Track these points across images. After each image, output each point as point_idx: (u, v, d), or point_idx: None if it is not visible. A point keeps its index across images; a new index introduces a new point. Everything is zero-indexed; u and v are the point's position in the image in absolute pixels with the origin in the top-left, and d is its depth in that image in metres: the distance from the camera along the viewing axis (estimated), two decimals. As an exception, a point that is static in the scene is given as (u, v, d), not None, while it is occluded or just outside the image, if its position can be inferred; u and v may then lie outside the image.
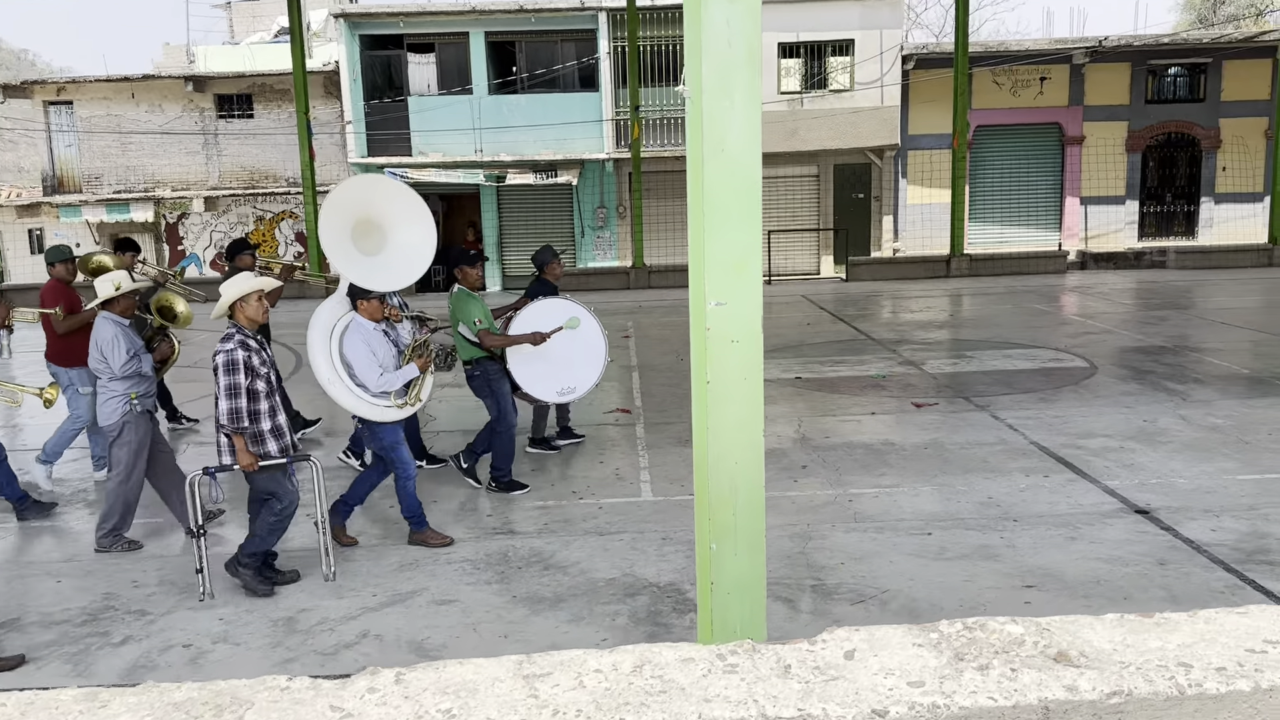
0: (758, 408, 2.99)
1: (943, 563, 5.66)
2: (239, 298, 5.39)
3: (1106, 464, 7.41)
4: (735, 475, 3.00)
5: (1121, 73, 23.52)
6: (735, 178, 2.86)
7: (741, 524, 3.03)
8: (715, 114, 2.82)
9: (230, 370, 5.28)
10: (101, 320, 6.22)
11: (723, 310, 2.92)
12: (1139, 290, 18.22)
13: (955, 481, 7.14)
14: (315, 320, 6.07)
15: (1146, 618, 2.45)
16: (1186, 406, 9.04)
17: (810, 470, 7.55)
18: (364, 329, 5.93)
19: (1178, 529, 6.05)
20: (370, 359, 5.86)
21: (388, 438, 6.04)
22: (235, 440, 5.33)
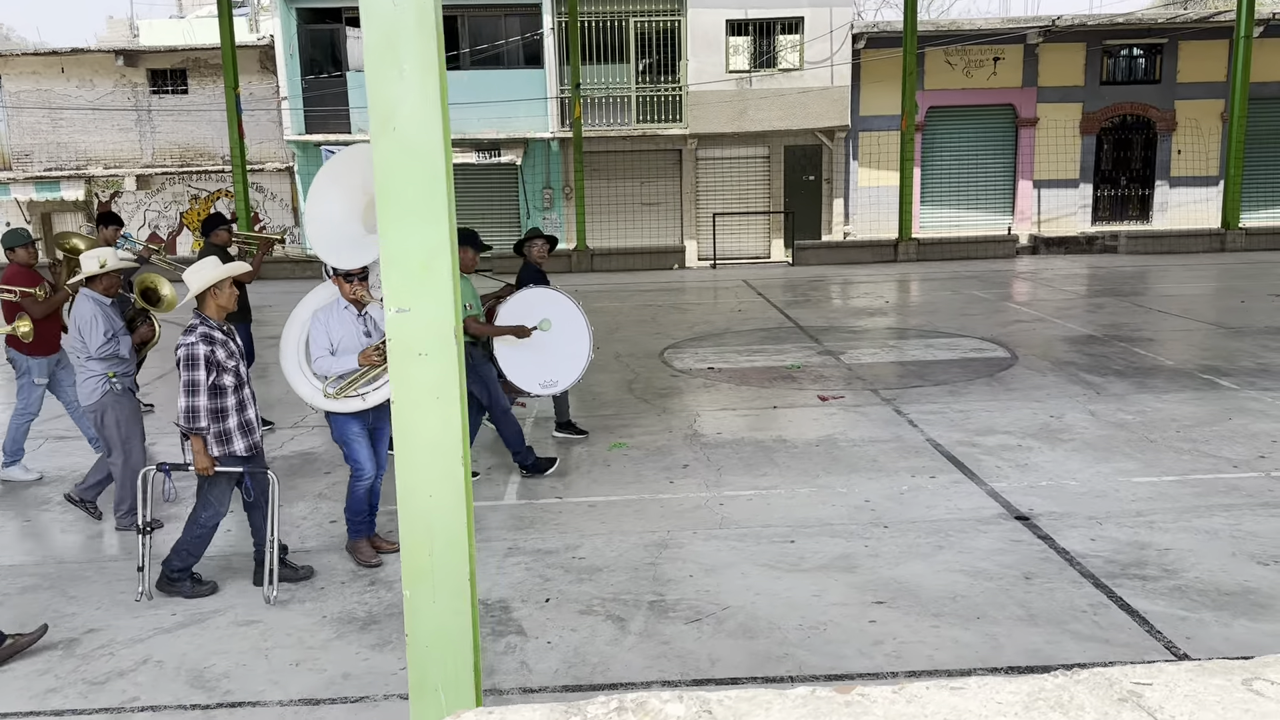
0: (455, 432, 2.55)
1: (796, 575, 5.27)
2: (210, 286, 5.06)
3: (999, 464, 7.05)
4: (431, 512, 2.57)
5: (1076, 53, 23.17)
6: (412, 162, 2.42)
7: (441, 567, 2.61)
8: (381, 86, 2.38)
9: (190, 366, 4.96)
10: (81, 298, 5.98)
11: (407, 318, 2.48)
12: (1084, 276, 17.92)
13: (836, 483, 6.75)
14: (308, 296, 5.72)
15: (842, 693, 2.05)
16: (1099, 401, 8.70)
17: (691, 470, 7.14)
18: (334, 307, 5.46)
19: (1055, 538, 5.69)
20: (320, 337, 5.37)
21: (338, 431, 5.52)
22: (192, 441, 5.03)
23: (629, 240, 23.05)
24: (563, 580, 5.29)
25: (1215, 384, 9.17)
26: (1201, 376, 9.48)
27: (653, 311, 14.76)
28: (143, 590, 5.14)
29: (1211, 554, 5.38)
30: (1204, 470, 6.78)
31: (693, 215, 23.39)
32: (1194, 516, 5.94)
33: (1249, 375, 9.46)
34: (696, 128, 22.64)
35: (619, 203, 23.55)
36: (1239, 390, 8.91)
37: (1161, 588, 4.99)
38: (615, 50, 22.76)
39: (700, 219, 23.24)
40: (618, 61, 22.79)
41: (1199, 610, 4.74)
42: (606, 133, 22.72)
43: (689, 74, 22.50)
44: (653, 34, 22.80)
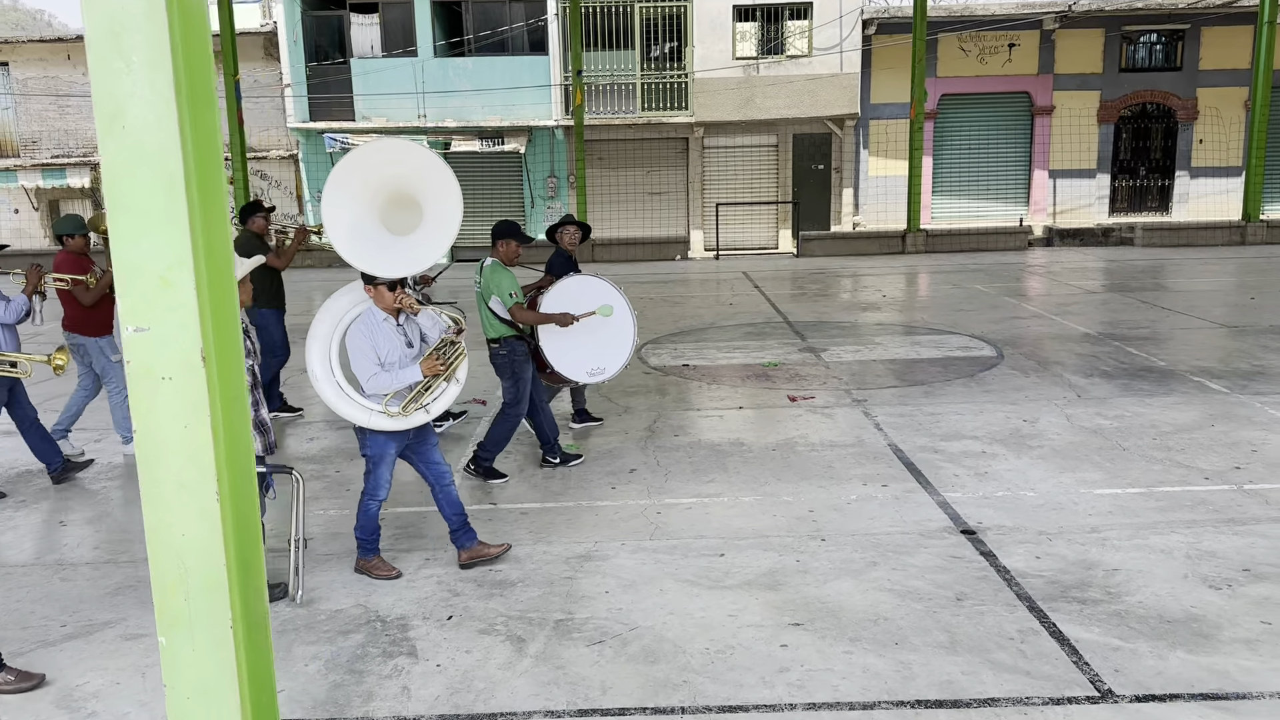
0: (208, 465, 2.30)
1: (717, 592, 5.00)
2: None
3: (958, 472, 6.72)
4: (184, 551, 2.33)
5: (1094, 39, 22.54)
6: (145, 164, 2.17)
7: (199, 612, 2.37)
8: (106, 80, 2.13)
9: None
10: None
11: (145, 339, 2.23)
12: (1094, 269, 17.42)
13: (783, 491, 6.47)
14: (326, 305, 5.31)
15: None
16: (1078, 404, 8.34)
17: (636, 476, 6.88)
18: (372, 320, 5.06)
19: (998, 554, 5.37)
20: (367, 354, 4.99)
21: (374, 449, 5.16)
22: None
23: (635, 230, 22.75)
24: (472, 595, 5.05)
25: (1205, 387, 8.78)
26: (1192, 379, 9.08)
27: (643, 305, 14.48)
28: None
29: (1162, 575, 5.05)
30: (1173, 482, 6.42)
31: (699, 205, 23.05)
32: (1152, 533, 5.60)
33: (1242, 378, 9.05)
34: (703, 115, 22.28)
35: (624, 192, 23.24)
36: (1228, 394, 8.51)
37: (1100, 613, 4.68)
38: (620, 37, 22.41)
39: (707, 209, 22.89)
40: (623, 48, 22.44)
41: (1135, 639, 4.43)
42: (611, 121, 22.40)
43: (695, 61, 22.12)
44: (658, 20, 22.43)
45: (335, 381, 5.18)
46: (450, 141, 22.52)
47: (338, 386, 5.17)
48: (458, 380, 5.29)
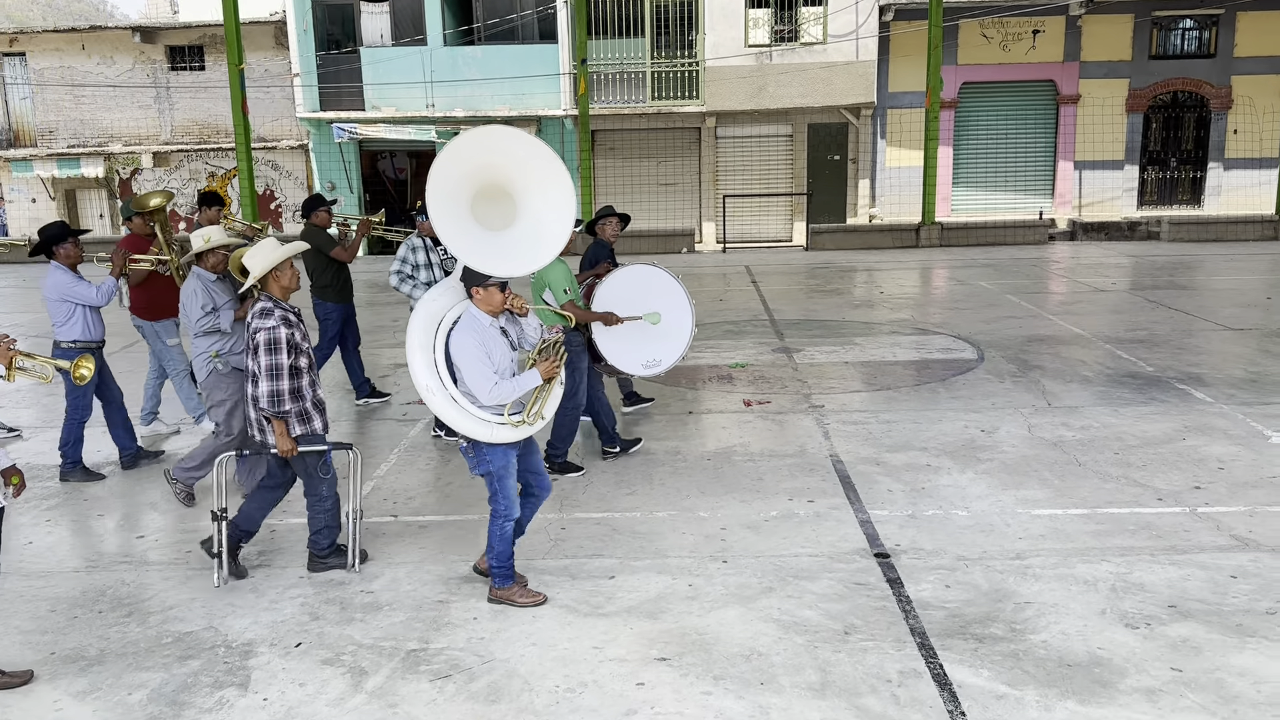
0: None
1: (592, 620, 4.67)
2: (271, 268, 5.00)
3: (893, 487, 6.32)
4: None
5: (1123, 25, 21.68)
6: None
7: None
8: None
9: (273, 349, 4.93)
10: (190, 275, 6.11)
11: None
12: (1110, 265, 16.73)
13: (703, 505, 6.11)
14: (418, 311, 4.88)
15: None
16: (1046, 413, 7.86)
17: (555, 486, 6.54)
18: (478, 325, 4.68)
19: (905, 582, 4.98)
20: (483, 363, 4.61)
21: (496, 463, 4.76)
22: (275, 424, 4.99)
23: (646, 222, 22.35)
24: (331, 620, 4.77)
25: (1189, 395, 8.24)
26: (1177, 386, 8.55)
27: (632, 299, 14.11)
28: (220, 576, 5.12)
29: (1077, 610, 4.63)
30: (1121, 502, 5.97)
31: (711, 196, 22.60)
32: (1081, 561, 5.17)
33: (1232, 386, 8.50)
34: (714, 105, 21.81)
35: (635, 183, 22.87)
36: (1212, 404, 7.97)
37: (996, 653, 4.28)
38: (630, 24, 22.00)
39: (719, 201, 22.43)
40: (633, 36, 22.03)
41: (1025, 686, 4.02)
42: (621, 110, 22.03)
43: (706, 49, 21.65)
44: (669, 7, 21.98)
45: (449, 394, 4.72)
46: (459, 131, 22.27)
47: (452, 399, 4.72)
48: (560, 381, 5.03)
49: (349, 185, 22.98)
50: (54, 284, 6.61)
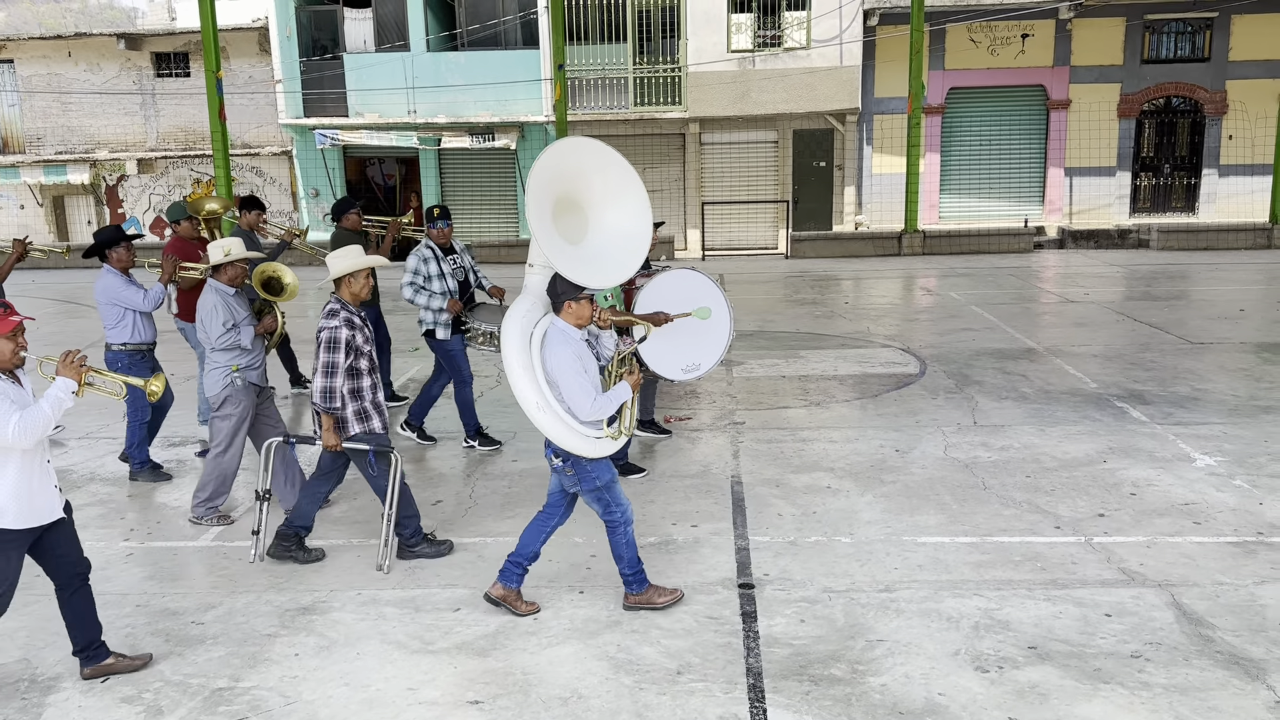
0: None
1: (419, 657, 4.45)
2: (347, 274, 5.29)
3: (786, 511, 6.06)
4: None
5: (1114, 29, 21.28)
6: None
7: None
8: None
9: (331, 348, 5.19)
10: (206, 288, 6.05)
11: None
12: (1091, 275, 16.37)
13: (579, 530, 5.83)
14: (511, 327, 4.78)
15: None
16: (969, 432, 7.58)
17: (439, 509, 6.34)
18: (570, 340, 4.59)
19: (761, 616, 4.73)
20: (582, 378, 4.54)
21: (604, 476, 4.70)
22: (325, 419, 5.23)
23: (627, 228, 22.15)
24: (148, 650, 4.55)
25: (1125, 414, 7.94)
26: (1116, 404, 8.24)
27: (593, 308, 13.89)
28: (256, 553, 5.41)
29: (930, 650, 4.37)
30: (1015, 530, 5.69)
31: (696, 203, 22.35)
32: (952, 594, 4.89)
33: (1173, 404, 8.18)
34: (697, 111, 21.57)
35: (619, 189, 22.63)
36: (1146, 424, 7.66)
37: (829, 697, 4.02)
38: (612, 29, 21.79)
39: (704, 207, 22.19)
40: (615, 41, 21.82)
41: (847, 737, 3.76)
42: (603, 116, 21.82)
43: (688, 54, 21.42)
44: (652, 12, 21.77)
45: (556, 412, 4.60)
46: (441, 137, 22.16)
47: (559, 417, 4.60)
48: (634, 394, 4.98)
49: (332, 191, 22.89)
50: (104, 287, 6.61)
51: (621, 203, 4.92)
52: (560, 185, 4.82)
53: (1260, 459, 6.77)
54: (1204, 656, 4.26)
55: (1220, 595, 4.81)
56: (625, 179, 4.95)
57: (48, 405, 3.95)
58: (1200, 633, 4.46)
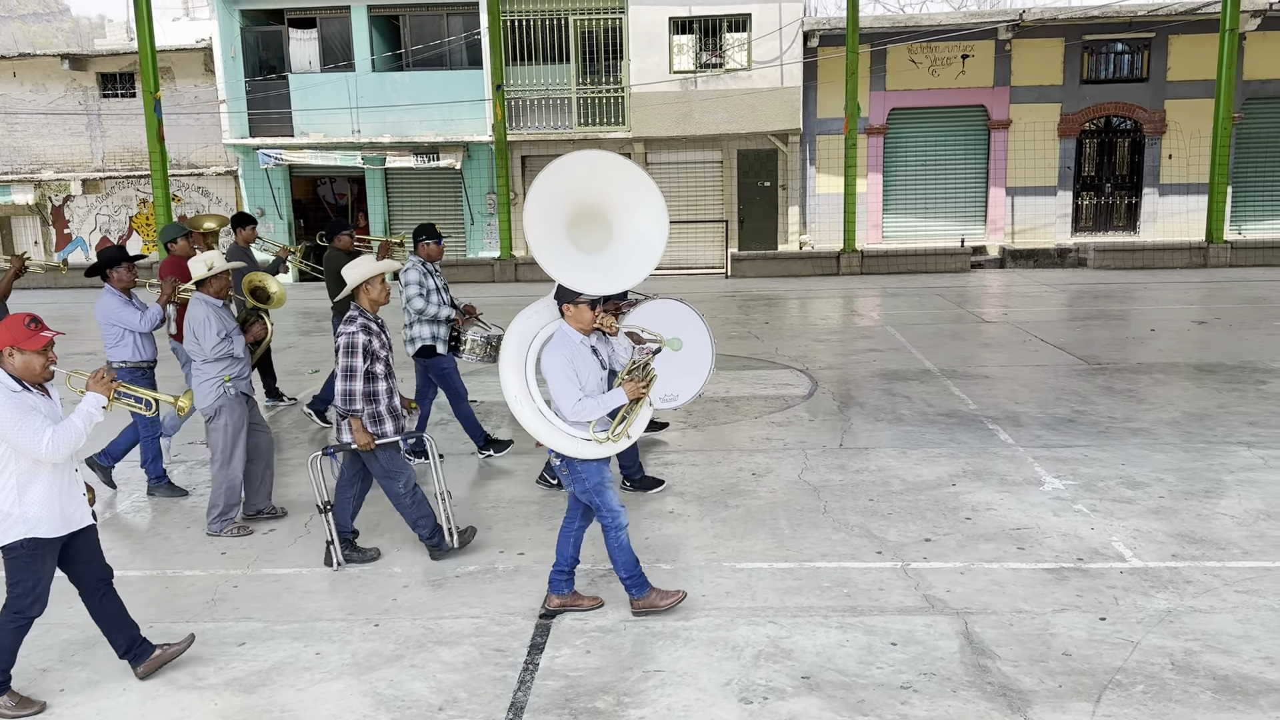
0: None
1: (184, 694, 4.39)
2: (364, 281, 5.50)
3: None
4: None
5: (1053, 49, 21.45)
6: None
7: None
8: None
9: (350, 353, 5.40)
10: (194, 301, 6.17)
11: None
12: (1019, 295, 16.42)
13: (404, 560, 5.81)
14: (514, 326, 5.05)
15: None
16: (830, 454, 7.56)
17: (267, 538, 6.26)
18: (569, 342, 4.78)
19: (549, 647, 4.69)
20: (570, 380, 4.70)
21: (592, 478, 4.85)
22: (350, 421, 5.43)
23: (572, 248, 22.15)
24: None
25: (993, 436, 7.93)
26: (988, 426, 8.23)
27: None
28: (337, 561, 5.61)
29: (703, 680, 4.33)
30: (836, 556, 5.66)
31: (641, 222, 22.34)
32: (746, 622, 4.86)
33: (1045, 427, 8.18)
34: (640, 131, 21.63)
35: (565, 209, 22.65)
36: (1011, 446, 7.66)
37: (579, 734, 3.96)
38: (556, 50, 21.85)
39: (649, 226, 22.18)
40: (558, 62, 21.88)
41: (582, 773, 3.71)
42: (547, 136, 21.85)
43: (631, 75, 21.49)
44: (595, 33, 21.84)
45: (538, 407, 4.82)
46: (386, 157, 22.15)
47: (539, 412, 4.82)
48: (650, 403, 5.05)
49: (278, 211, 22.84)
50: (104, 307, 6.67)
51: (639, 213, 4.96)
52: (580, 196, 4.91)
53: (1110, 483, 6.76)
54: (973, 688, 4.23)
55: (1015, 624, 4.79)
56: (642, 190, 4.97)
57: (79, 420, 4.12)
58: (979, 662, 4.43)
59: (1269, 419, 8.23)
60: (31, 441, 3.96)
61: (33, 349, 4.03)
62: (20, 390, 4.04)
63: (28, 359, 4.04)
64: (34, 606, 4.18)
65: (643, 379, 4.89)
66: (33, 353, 4.04)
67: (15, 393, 4.01)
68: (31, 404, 4.03)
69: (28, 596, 4.15)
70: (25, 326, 4.05)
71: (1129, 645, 4.54)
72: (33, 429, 3.96)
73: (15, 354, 4.02)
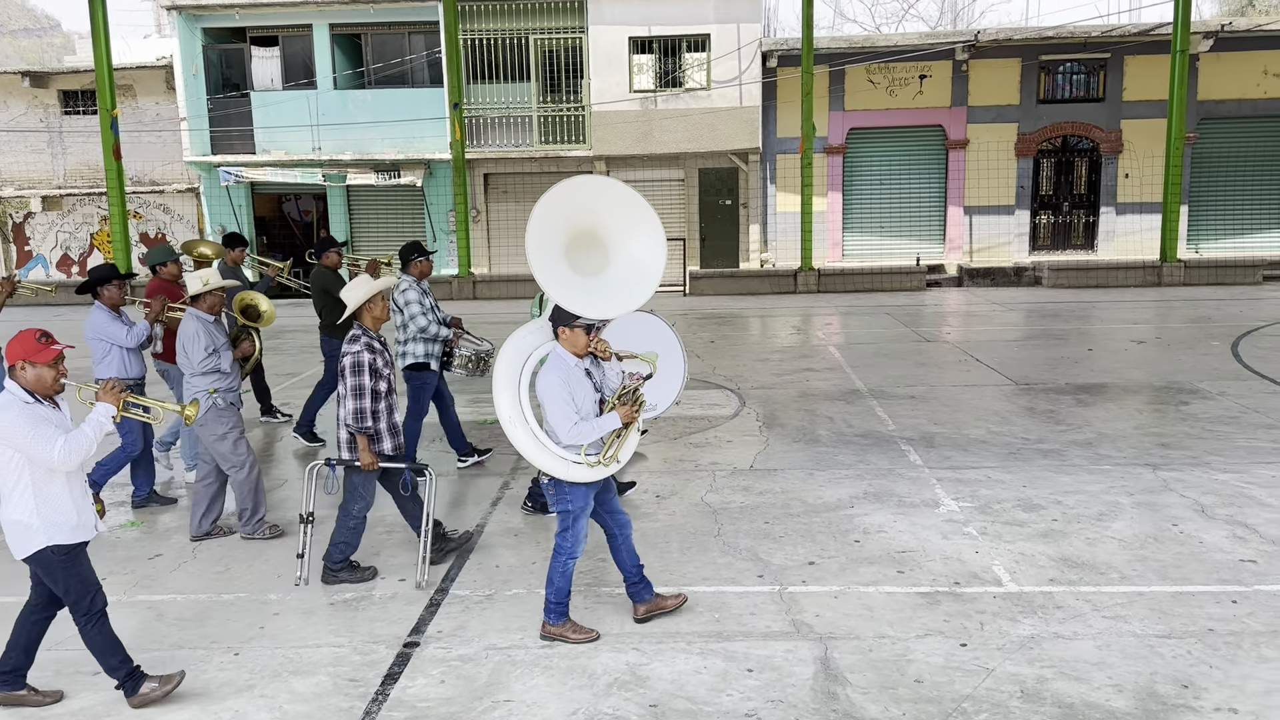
0: None
1: (28, 723, 4.33)
2: (366, 300, 5.60)
3: (506, 561, 6.02)
4: None
5: (1010, 70, 21.63)
6: None
7: None
8: None
9: (356, 371, 5.51)
10: (186, 316, 6.36)
11: None
12: (967, 314, 16.50)
13: (283, 586, 5.77)
14: (507, 346, 5.07)
15: None
16: (738, 475, 7.59)
17: (150, 565, 6.22)
18: (564, 365, 4.83)
19: (405, 676, 4.65)
20: (567, 403, 4.76)
21: (576, 502, 4.91)
22: (359, 439, 5.53)
23: (533, 266, 22.16)
24: None
25: (903, 458, 7.97)
26: (901, 447, 8.27)
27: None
28: (302, 576, 5.64)
29: (551, 710, 4.32)
30: (717, 580, 5.67)
31: (603, 240, 22.41)
32: (610, 648, 4.86)
33: (957, 447, 8.21)
34: (601, 149, 21.70)
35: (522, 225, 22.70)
36: (919, 467, 7.68)
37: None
38: (517, 69, 21.94)
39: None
40: (519, 80, 21.97)
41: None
42: (509, 154, 21.91)
43: (592, 94, 21.58)
44: (556, 52, 21.94)
45: (530, 428, 4.87)
46: (346, 174, 22.16)
47: (533, 434, 4.86)
48: (638, 428, 5.11)
49: (239, 228, 22.80)
50: (92, 323, 6.79)
51: (637, 238, 5.05)
52: (579, 220, 5.00)
53: (1006, 505, 6.78)
54: (816, 715, 4.23)
55: (874, 649, 4.79)
56: (639, 214, 5.08)
57: (90, 429, 4.28)
58: (829, 689, 4.43)
59: (1181, 440, 8.28)
60: (44, 450, 4.14)
61: (44, 362, 4.22)
62: (32, 402, 4.23)
63: (39, 372, 4.23)
64: (96, 598, 4.35)
65: (634, 403, 4.93)
66: (44, 366, 4.23)
67: (28, 404, 4.21)
68: (43, 415, 4.22)
69: (85, 593, 4.31)
70: (36, 341, 4.24)
71: (983, 672, 4.55)
72: (45, 438, 4.14)
73: (27, 367, 4.22)
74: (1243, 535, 6.14)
